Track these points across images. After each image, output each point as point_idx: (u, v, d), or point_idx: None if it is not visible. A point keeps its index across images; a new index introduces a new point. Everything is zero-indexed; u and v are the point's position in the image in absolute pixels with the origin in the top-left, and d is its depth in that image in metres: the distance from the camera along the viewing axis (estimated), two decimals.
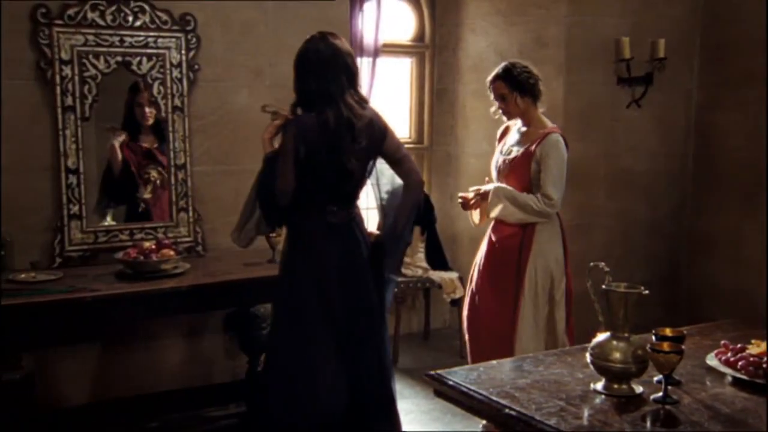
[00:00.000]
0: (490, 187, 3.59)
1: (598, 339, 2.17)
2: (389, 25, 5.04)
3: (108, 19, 3.47)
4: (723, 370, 2.26)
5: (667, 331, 2.20)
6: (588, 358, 2.16)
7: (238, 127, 3.85)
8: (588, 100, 4.83)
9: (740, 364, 2.24)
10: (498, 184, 3.60)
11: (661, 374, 2.06)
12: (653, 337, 2.17)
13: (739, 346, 2.33)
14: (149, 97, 3.63)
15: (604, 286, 2.17)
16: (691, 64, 5.18)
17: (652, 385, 2.13)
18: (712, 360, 2.33)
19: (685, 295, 5.31)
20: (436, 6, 5.38)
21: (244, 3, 3.82)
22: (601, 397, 2.09)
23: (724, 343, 2.39)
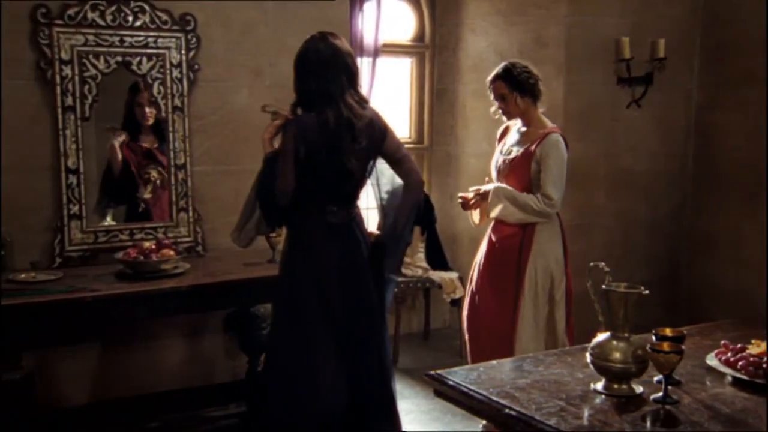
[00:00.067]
0: (490, 187, 3.59)
1: (598, 339, 2.17)
2: (389, 25, 5.04)
3: (108, 19, 3.47)
4: (723, 370, 2.26)
5: (667, 331, 2.20)
6: (588, 358, 2.16)
7: (238, 127, 3.85)
8: (588, 100, 4.82)
9: (740, 364, 2.24)
10: (498, 184, 3.60)
11: (661, 374, 2.06)
12: (653, 337, 2.17)
13: (739, 346, 2.33)
14: (149, 97, 3.63)
15: (604, 286, 2.17)
16: (691, 64, 5.17)
17: (652, 385, 2.13)
18: (712, 360, 2.33)
19: (685, 295, 5.30)
20: (436, 6, 5.38)
21: (244, 3, 3.82)
22: (601, 397, 2.09)
23: (724, 343, 2.39)
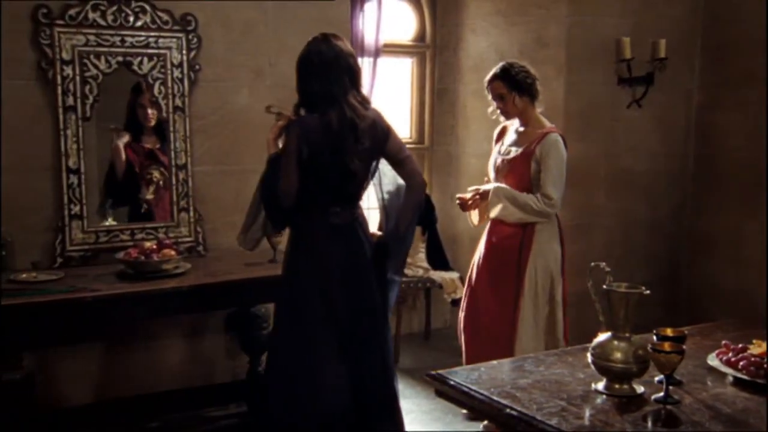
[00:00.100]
0: (490, 187, 3.59)
1: (599, 339, 2.17)
2: (390, 25, 5.04)
3: (109, 19, 3.47)
4: (724, 370, 2.26)
5: (668, 331, 2.20)
6: (589, 358, 2.16)
7: (239, 127, 3.85)
8: (588, 100, 4.82)
9: (741, 364, 2.24)
10: (498, 184, 3.60)
11: (663, 374, 2.06)
12: (654, 337, 2.17)
13: (740, 346, 2.33)
14: (151, 98, 3.63)
15: (605, 286, 2.18)
16: (692, 64, 5.18)
17: (653, 385, 2.13)
18: (713, 360, 2.33)
19: (686, 295, 5.31)
20: (437, 6, 5.38)
21: (244, 3, 3.82)
22: (603, 397, 2.09)
23: (725, 343, 2.40)
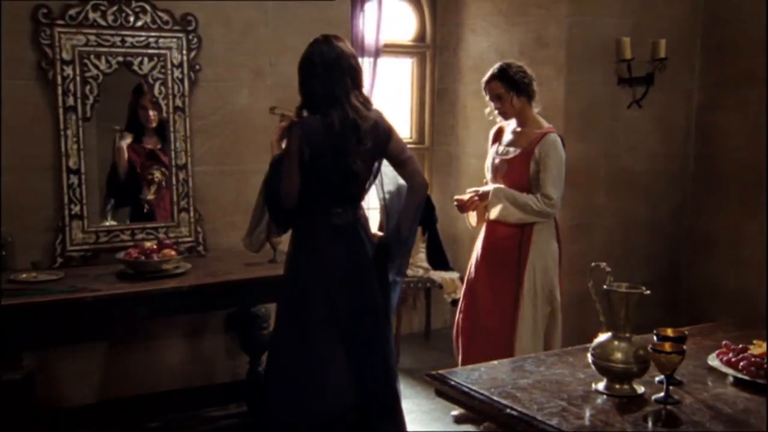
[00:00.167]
0: (490, 188, 3.59)
1: (600, 339, 2.17)
2: (390, 26, 5.04)
3: (109, 20, 3.47)
4: (724, 370, 2.26)
5: (669, 331, 2.20)
6: (589, 358, 2.16)
7: (239, 127, 3.85)
8: (588, 100, 4.82)
9: (742, 364, 2.24)
10: (497, 185, 3.60)
11: (663, 374, 2.06)
12: (655, 338, 2.17)
13: (740, 346, 2.34)
14: (151, 99, 3.63)
15: (605, 287, 2.18)
16: (692, 65, 5.17)
17: (654, 386, 2.13)
18: (713, 360, 2.33)
19: (686, 295, 5.30)
20: (437, 6, 5.38)
21: (244, 3, 3.82)
22: (603, 397, 2.09)
23: (725, 343, 2.40)
